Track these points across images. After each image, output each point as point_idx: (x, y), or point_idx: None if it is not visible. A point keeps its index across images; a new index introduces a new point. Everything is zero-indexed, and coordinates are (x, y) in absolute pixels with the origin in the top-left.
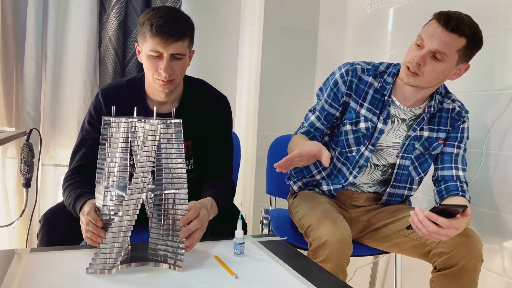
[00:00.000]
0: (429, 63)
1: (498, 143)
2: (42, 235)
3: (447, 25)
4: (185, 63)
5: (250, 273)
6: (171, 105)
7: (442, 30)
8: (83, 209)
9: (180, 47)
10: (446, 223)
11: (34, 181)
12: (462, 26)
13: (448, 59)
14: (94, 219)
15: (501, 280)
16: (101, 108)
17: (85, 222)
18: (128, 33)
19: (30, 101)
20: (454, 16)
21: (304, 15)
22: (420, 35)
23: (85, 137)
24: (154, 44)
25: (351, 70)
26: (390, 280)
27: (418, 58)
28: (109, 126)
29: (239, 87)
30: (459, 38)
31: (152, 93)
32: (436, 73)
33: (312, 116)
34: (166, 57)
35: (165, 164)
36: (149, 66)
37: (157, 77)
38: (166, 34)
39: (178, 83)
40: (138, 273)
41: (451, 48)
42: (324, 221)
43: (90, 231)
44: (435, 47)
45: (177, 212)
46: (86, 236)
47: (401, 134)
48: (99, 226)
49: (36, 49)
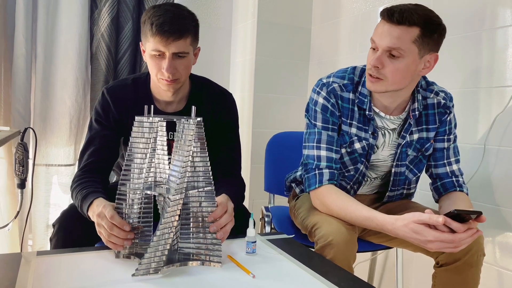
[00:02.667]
0: (388, 63)
1: (498, 138)
2: (57, 240)
3: (392, 19)
4: (189, 62)
5: (266, 272)
6: (177, 104)
7: (389, 26)
8: (101, 211)
9: (182, 45)
10: (460, 227)
11: (28, 182)
12: (408, 16)
13: (407, 53)
14: (120, 223)
15: (493, 270)
16: (109, 107)
17: (107, 227)
18: (121, 29)
19: (20, 99)
20: (397, 8)
21: (297, 11)
22: (372, 38)
23: (93, 135)
24: (155, 43)
25: (331, 91)
26: (388, 275)
27: (374, 61)
28: (141, 125)
29: (232, 84)
30: (409, 29)
31: (158, 93)
32: (400, 71)
33: (323, 152)
34: (168, 56)
35: (190, 163)
36: (153, 65)
37: (160, 76)
38: (166, 32)
39: (183, 82)
40: (172, 274)
41: (404, 41)
42: (328, 219)
43: (115, 236)
44: (386, 45)
45: (207, 209)
46: (108, 241)
47: (395, 144)
48: (127, 230)
49: (26, 46)
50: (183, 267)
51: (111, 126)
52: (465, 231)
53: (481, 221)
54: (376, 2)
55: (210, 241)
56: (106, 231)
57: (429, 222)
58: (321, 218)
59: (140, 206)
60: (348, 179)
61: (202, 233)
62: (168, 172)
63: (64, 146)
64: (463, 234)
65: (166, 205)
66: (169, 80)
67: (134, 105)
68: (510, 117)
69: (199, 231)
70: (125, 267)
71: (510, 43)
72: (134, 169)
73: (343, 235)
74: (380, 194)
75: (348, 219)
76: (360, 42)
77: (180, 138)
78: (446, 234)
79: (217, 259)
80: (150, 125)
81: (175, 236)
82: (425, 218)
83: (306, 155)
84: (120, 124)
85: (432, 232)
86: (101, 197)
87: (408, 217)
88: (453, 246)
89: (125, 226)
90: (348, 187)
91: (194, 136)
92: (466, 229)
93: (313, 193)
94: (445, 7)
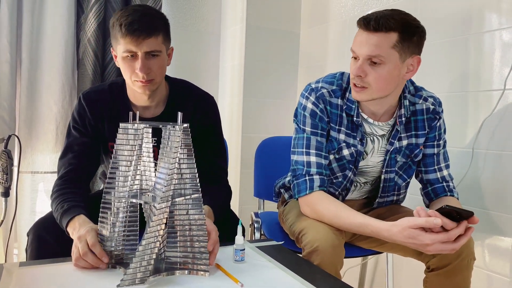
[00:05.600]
0: (370, 71)
1: (486, 142)
2: (32, 251)
3: (368, 26)
4: (163, 61)
5: (254, 280)
6: (155, 109)
7: (367, 34)
8: (83, 235)
9: (154, 43)
10: (449, 224)
11: (12, 190)
12: (384, 22)
13: (388, 59)
14: (100, 254)
15: (482, 273)
16: (85, 112)
17: (82, 251)
18: (108, 35)
19: (5, 105)
20: (372, 16)
21: (286, 16)
22: (351, 48)
23: (71, 142)
24: (126, 44)
25: (319, 96)
26: (378, 280)
27: (356, 70)
28: (126, 132)
29: (221, 88)
30: (387, 34)
31: (134, 98)
32: (383, 78)
33: (313, 158)
34: (140, 56)
35: (177, 170)
36: (126, 68)
37: (135, 78)
38: (136, 31)
39: (159, 82)
40: (159, 284)
41: (382, 47)
42: (315, 225)
43: (87, 262)
44: (366, 53)
45: (194, 217)
46: (77, 264)
47: (384, 150)
48: (105, 262)
49: (10, 51)
50: (170, 277)
51: (88, 132)
52: (458, 226)
53: (474, 222)
54: (364, 7)
55: (197, 249)
56: (78, 255)
57: (426, 226)
58: (308, 223)
59: (126, 214)
60: (336, 186)
61: (189, 242)
62: (154, 180)
63: (50, 152)
64: (456, 230)
65: (152, 214)
66: (144, 80)
67: (110, 110)
68: (497, 121)
69: (186, 239)
70: (110, 278)
71: (497, 47)
72: (119, 177)
73: (329, 240)
74: (369, 199)
75: (341, 225)
76: (348, 46)
77: (166, 145)
78: (441, 234)
79: (205, 267)
80: (135, 132)
81: (162, 245)
82: (421, 222)
83: (295, 161)
84: (96, 130)
85: (428, 236)
86: (83, 214)
87: (403, 223)
88: (451, 247)
89: (104, 258)
90: (336, 193)
91: (180, 142)
92: (457, 226)
93: (303, 199)
94: (432, 12)
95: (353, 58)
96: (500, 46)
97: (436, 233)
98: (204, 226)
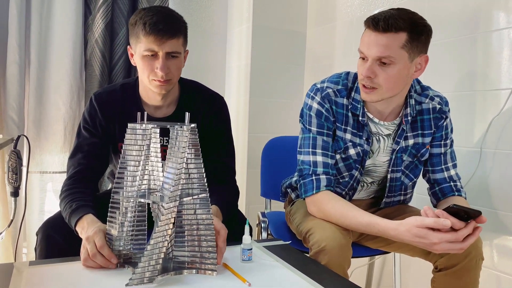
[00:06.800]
0: (379, 71)
1: (495, 141)
2: (41, 250)
3: (377, 27)
4: (181, 62)
5: (262, 280)
6: (167, 108)
7: (376, 35)
8: (91, 236)
9: (175, 44)
10: (457, 223)
11: (22, 190)
12: (393, 22)
13: (397, 60)
14: (108, 255)
15: (491, 273)
16: (96, 113)
17: (91, 253)
18: (115, 35)
19: (14, 106)
20: (381, 16)
21: (292, 15)
22: (359, 49)
23: (81, 142)
24: (148, 43)
25: (325, 96)
26: (386, 280)
27: (365, 71)
28: (134, 132)
29: (228, 88)
30: (396, 35)
31: (147, 97)
32: (393, 78)
33: (319, 157)
34: (161, 56)
35: (184, 170)
36: (145, 66)
37: (153, 77)
38: (160, 31)
39: (175, 83)
40: (167, 283)
41: (392, 48)
42: (322, 225)
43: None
44: (376, 54)
45: (202, 217)
46: (85, 264)
47: (390, 150)
48: (114, 263)
49: (19, 52)
50: (178, 276)
51: (99, 133)
52: (466, 226)
53: (482, 221)
54: (371, 6)
55: (205, 249)
56: (86, 255)
57: (435, 226)
58: (315, 223)
59: (134, 214)
60: (342, 186)
61: (197, 241)
62: (162, 180)
63: (58, 153)
64: (465, 230)
65: (160, 213)
66: (162, 80)
67: (122, 110)
68: (506, 120)
69: (193, 239)
70: (119, 277)
71: (505, 46)
72: (128, 177)
73: (337, 240)
74: (376, 199)
75: (348, 225)
76: (355, 46)
77: (174, 145)
78: (449, 233)
79: (212, 267)
80: (143, 132)
81: (170, 245)
82: (430, 223)
83: (301, 161)
84: (107, 130)
85: (436, 235)
86: (91, 213)
87: (410, 222)
88: (459, 247)
89: (113, 259)
90: (343, 193)
91: (188, 142)
92: (465, 226)
93: (310, 199)
94: (440, 11)
95: (361, 59)
96: (508, 45)
97: (444, 232)
98: (212, 225)
